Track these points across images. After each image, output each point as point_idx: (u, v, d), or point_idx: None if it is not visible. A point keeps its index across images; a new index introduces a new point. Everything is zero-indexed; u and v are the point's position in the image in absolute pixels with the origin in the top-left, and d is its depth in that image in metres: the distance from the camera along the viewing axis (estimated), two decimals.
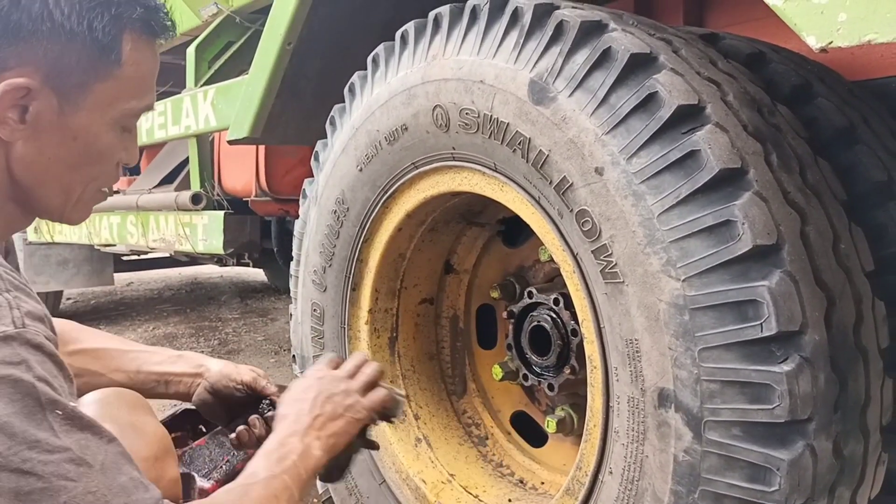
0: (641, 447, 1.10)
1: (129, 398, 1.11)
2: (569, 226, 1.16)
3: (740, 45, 1.37)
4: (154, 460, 1.05)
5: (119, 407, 1.07)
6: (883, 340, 1.11)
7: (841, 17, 0.84)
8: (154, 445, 1.07)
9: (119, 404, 1.08)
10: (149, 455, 1.04)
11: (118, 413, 1.06)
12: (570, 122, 1.12)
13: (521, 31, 1.21)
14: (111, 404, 1.07)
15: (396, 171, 1.49)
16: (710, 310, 0.99)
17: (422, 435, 1.69)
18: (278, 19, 1.84)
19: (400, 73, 1.44)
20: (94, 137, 0.95)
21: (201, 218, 2.92)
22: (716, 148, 1.00)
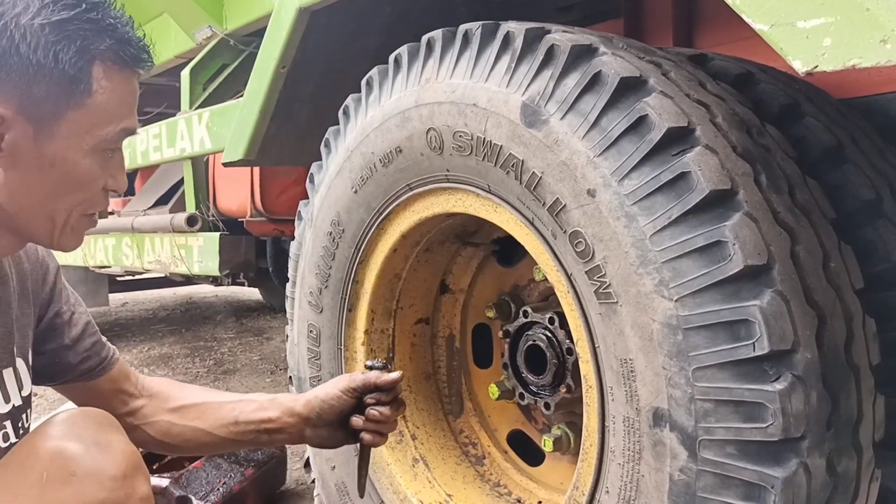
0: (637, 466, 1.10)
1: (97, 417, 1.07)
2: (562, 247, 1.17)
3: (729, 66, 1.39)
4: (122, 478, 1.01)
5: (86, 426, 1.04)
6: (874, 357, 1.12)
7: (826, 41, 0.86)
8: (122, 464, 1.02)
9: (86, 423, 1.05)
10: (116, 474, 1.00)
11: (85, 432, 1.03)
12: (562, 144, 1.14)
13: (513, 56, 1.22)
14: (77, 423, 1.04)
15: (391, 193, 1.51)
16: (702, 329, 1.00)
17: (419, 455, 1.70)
18: (273, 43, 1.86)
19: (394, 97, 1.46)
20: (71, 165, 0.96)
21: (197, 240, 2.93)
22: (706, 169, 1.02)
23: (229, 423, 1.31)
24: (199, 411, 1.32)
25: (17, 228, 1.00)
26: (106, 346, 1.32)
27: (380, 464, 1.67)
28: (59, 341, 1.24)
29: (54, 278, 1.25)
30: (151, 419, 1.33)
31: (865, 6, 0.83)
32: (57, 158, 0.95)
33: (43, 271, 1.23)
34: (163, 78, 3.58)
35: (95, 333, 1.30)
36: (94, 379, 1.29)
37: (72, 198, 0.99)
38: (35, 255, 1.21)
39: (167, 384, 1.39)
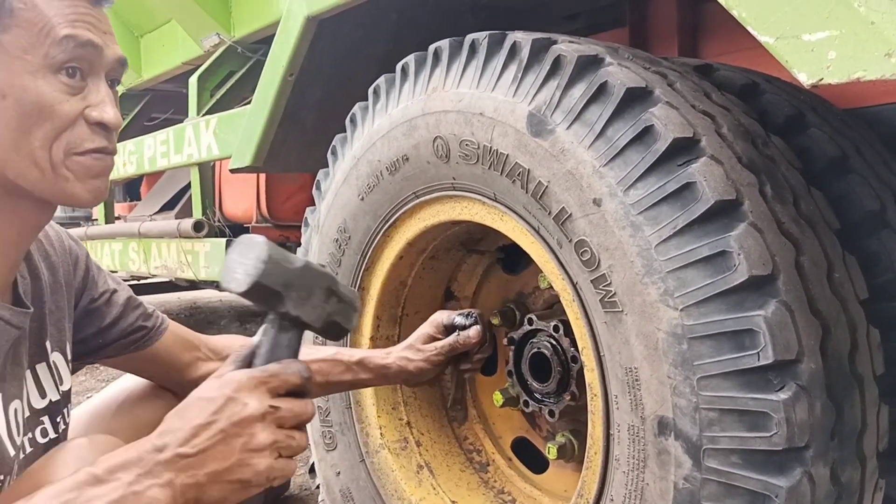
0: (642, 475, 1.11)
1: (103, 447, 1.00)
2: (568, 255, 1.18)
3: (734, 77, 1.40)
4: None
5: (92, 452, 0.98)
6: (878, 367, 1.12)
7: (831, 54, 0.87)
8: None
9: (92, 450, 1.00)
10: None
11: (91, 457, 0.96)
12: (568, 154, 1.15)
13: (520, 65, 1.23)
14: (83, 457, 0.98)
15: (398, 201, 1.52)
16: (707, 339, 1.01)
17: (423, 462, 1.70)
18: (281, 51, 1.88)
19: (401, 105, 1.47)
20: (21, 90, 0.89)
21: (203, 245, 2.94)
22: (711, 180, 1.02)
23: (320, 384, 1.33)
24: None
25: (15, 187, 0.93)
26: (152, 317, 1.30)
27: (384, 470, 1.67)
28: (98, 324, 1.23)
29: (85, 265, 1.23)
30: None
31: (870, 20, 0.83)
32: (5, 88, 0.89)
33: (73, 260, 1.21)
34: (170, 84, 3.60)
35: (139, 307, 1.29)
36: (143, 349, 1.28)
37: (40, 129, 0.91)
38: (62, 246, 1.19)
39: (236, 342, 1.40)
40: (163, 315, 1.34)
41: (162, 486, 0.78)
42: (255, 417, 0.82)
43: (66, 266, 1.18)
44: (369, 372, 1.38)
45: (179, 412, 0.83)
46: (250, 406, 0.82)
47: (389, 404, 1.71)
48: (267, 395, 0.84)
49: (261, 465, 0.82)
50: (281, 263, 0.87)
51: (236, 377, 0.84)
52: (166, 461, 0.79)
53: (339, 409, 1.73)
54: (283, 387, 0.85)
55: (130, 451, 0.80)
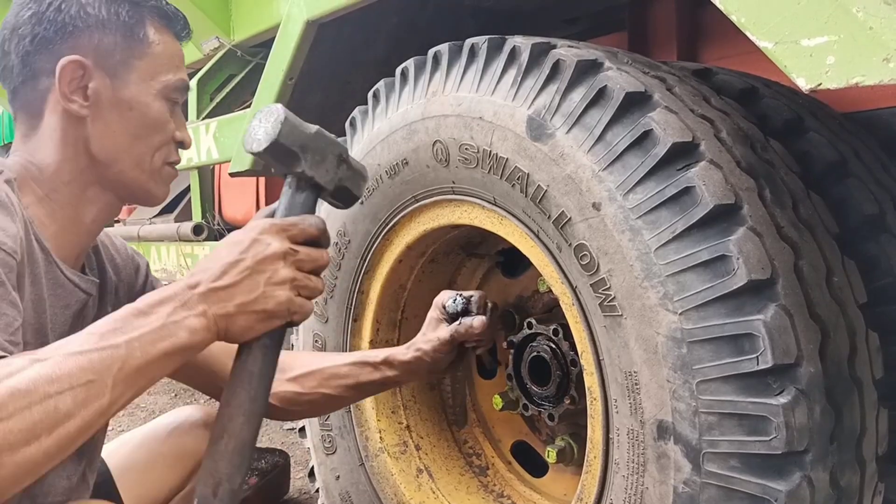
0: (641, 479, 1.11)
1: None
2: (567, 259, 1.18)
3: (733, 81, 1.40)
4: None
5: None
6: (877, 371, 1.13)
7: (829, 59, 0.87)
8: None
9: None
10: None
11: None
12: (567, 158, 1.15)
13: (519, 70, 1.24)
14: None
15: (397, 205, 1.52)
16: (707, 343, 1.01)
17: (423, 465, 1.70)
18: (280, 55, 1.88)
19: (400, 109, 1.47)
20: (145, 106, 1.11)
21: (203, 248, 2.94)
22: (710, 184, 1.02)
23: (351, 387, 1.39)
24: (320, 379, 1.39)
25: (112, 181, 1.12)
26: None
27: (384, 474, 1.67)
28: None
29: (145, 273, 1.37)
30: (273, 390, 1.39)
31: (868, 25, 0.84)
32: (133, 101, 1.10)
33: (134, 267, 1.34)
34: None
35: None
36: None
37: (151, 139, 1.13)
38: (126, 254, 1.34)
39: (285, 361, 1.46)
40: None
41: (197, 315, 0.89)
42: (277, 255, 0.94)
43: (128, 270, 1.32)
44: (395, 369, 1.42)
45: (210, 257, 0.95)
46: (273, 246, 0.94)
47: (389, 408, 1.71)
48: (287, 240, 0.96)
49: (282, 296, 0.94)
50: (297, 126, 0.97)
51: (260, 224, 0.96)
52: (200, 294, 0.90)
53: (338, 413, 1.73)
54: (301, 235, 0.98)
55: (167, 290, 0.91)
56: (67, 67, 1.06)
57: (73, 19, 1.07)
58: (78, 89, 1.07)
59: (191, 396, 4.02)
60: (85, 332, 0.84)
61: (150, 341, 0.85)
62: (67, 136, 1.09)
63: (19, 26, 1.08)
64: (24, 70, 1.08)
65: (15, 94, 1.11)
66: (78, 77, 1.07)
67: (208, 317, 0.90)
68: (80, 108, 1.08)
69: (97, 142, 1.10)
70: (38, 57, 1.07)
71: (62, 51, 1.07)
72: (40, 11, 1.07)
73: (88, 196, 1.12)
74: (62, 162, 1.09)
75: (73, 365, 0.79)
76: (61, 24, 1.07)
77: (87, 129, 1.09)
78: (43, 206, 1.08)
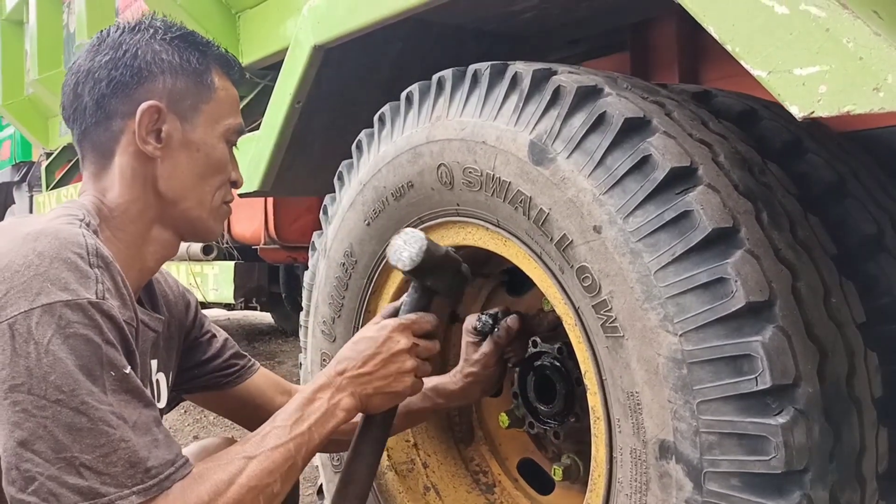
0: (644, 497, 1.12)
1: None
2: (570, 281, 1.21)
3: (732, 103, 1.42)
4: None
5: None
6: (876, 390, 1.14)
7: (821, 88, 0.90)
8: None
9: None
10: None
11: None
12: (568, 182, 1.17)
13: (521, 95, 1.27)
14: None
15: (403, 226, 1.54)
16: (706, 364, 1.03)
17: (430, 483, 1.72)
18: (288, 79, 1.91)
19: (405, 133, 1.50)
20: (211, 148, 1.18)
21: (212, 268, 2.97)
22: (708, 208, 1.05)
23: (403, 415, 1.44)
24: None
25: (175, 219, 1.18)
26: (244, 358, 1.51)
27: (391, 492, 1.69)
28: (199, 358, 1.43)
29: (195, 309, 1.44)
30: None
31: (859, 55, 0.86)
32: (201, 143, 1.17)
33: (185, 303, 1.41)
34: None
35: (233, 348, 1.50)
36: (234, 385, 1.47)
37: (214, 179, 1.19)
38: (178, 291, 1.41)
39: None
40: (254, 360, 1.54)
41: (348, 396, 1.18)
42: (404, 350, 1.23)
43: (179, 307, 1.38)
44: (444, 397, 1.53)
45: (351, 347, 1.22)
46: (401, 343, 1.23)
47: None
48: (411, 335, 1.25)
49: (408, 381, 1.23)
50: (433, 254, 1.25)
51: (391, 323, 1.24)
52: (349, 379, 1.19)
53: None
54: (420, 330, 1.26)
55: (321, 378, 1.18)
56: (147, 112, 1.11)
57: (148, 65, 1.13)
58: (153, 131, 1.13)
59: (200, 412, 4.05)
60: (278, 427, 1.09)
61: (322, 423, 1.13)
62: (137, 176, 1.14)
63: (95, 70, 1.12)
64: (97, 112, 1.13)
65: (85, 135, 1.15)
66: (154, 120, 1.12)
67: (356, 396, 1.18)
68: (154, 150, 1.13)
69: (165, 181, 1.15)
70: (113, 100, 1.12)
71: (137, 94, 1.12)
72: (117, 57, 1.12)
73: (152, 234, 1.17)
74: (131, 201, 1.14)
75: (279, 457, 1.06)
76: (137, 69, 1.12)
77: (157, 169, 1.14)
78: (112, 246, 1.10)
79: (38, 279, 0.90)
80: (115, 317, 0.94)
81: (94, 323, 0.91)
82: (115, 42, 1.14)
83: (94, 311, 0.91)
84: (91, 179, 1.16)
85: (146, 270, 1.19)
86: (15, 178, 6.30)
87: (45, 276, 0.91)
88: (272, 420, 1.12)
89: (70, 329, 0.89)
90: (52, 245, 0.94)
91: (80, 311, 0.90)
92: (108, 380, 0.91)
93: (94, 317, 0.91)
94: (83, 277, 0.93)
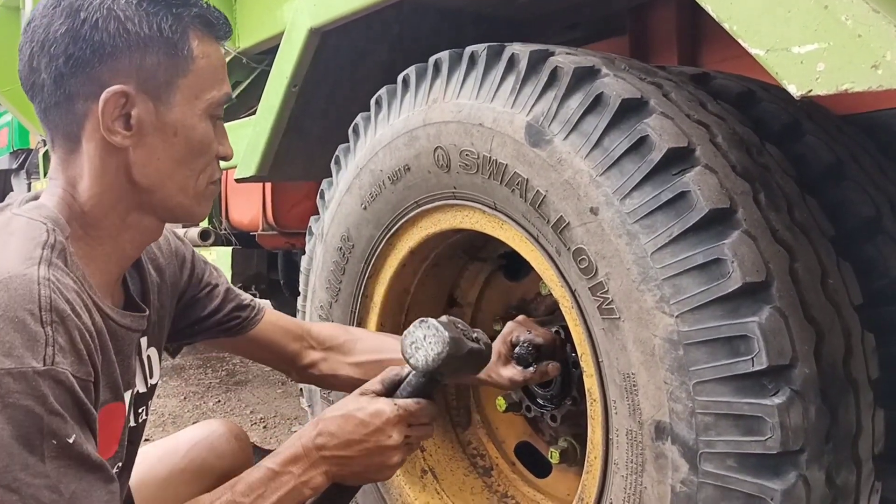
0: (640, 479, 1.13)
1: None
2: (566, 263, 1.20)
3: (730, 85, 1.42)
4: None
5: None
6: (873, 372, 1.14)
7: (819, 66, 0.89)
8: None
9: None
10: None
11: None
12: (565, 163, 1.17)
13: (518, 77, 1.26)
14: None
15: (400, 210, 1.54)
16: (703, 345, 1.02)
17: (427, 466, 1.72)
18: (284, 63, 1.90)
19: (402, 116, 1.49)
20: (190, 130, 1.03)
21: (210, 254, 2.96)
22: (705, 189, 1.04)
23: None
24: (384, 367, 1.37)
25: (154, 206, 1.06)
26: (248, 308, 1.42)
27: None
28: (199, 314, 1.36)
29: (191, 263, 1.34)
30: (336, 373, 1.49)
31: (857, 32, 0.85)
32: (178, 126, 1.02)
33: (179, 261, 1.31)
34: None
35: (235, 298, 1.41)
36: (239, 335, 1.41)
37: (196, 163, 1.05)
38: (169, 249, 1.29)
39: (338, 333, 1.52)
40: (261, 306, 1.46)
41: (321, 473, 1.10)
42: (394, 447, 1.12)
43: (172, 268, 1.28)
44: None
45: (338, 423, 1.12)
46: (393, 438, 1.11)
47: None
48: (405, 429, 1.13)
49: (388, 472, 1.17)
50: (454, 357, 1.11)
51: (387, 412, 1.12)
52: (325, 458, 1.10)
53: None
54: (417, 422, 1.15)
55: (296, 447, 1.10)
56: (111, 100, 0.97)
57: (112, 38, 0.97)
58: (120, 117, 0.99)
59: (199, 399, 4.05)
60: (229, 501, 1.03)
61: (286, 501, 1.07)
62: (107, 166, 1.01)
63: (50, 43, 0.97)
64: (57, 91, 0.98)
65: (47, 114, 1.02)
66: (120, 105, 0.98)
67: (329, 474, 1.11)
68: (123, 140, 0.99)
69: (139, 169, 1.02)
70: (73, 80, 0.97)
71: (101, 74, 0.97)
72: (74, 28, 0.96)
73: (128, 223, 1.05)
74: (102, 193, 1.02)
75: None
76: (99, 44, 0.96)
77: (129, 157, 1.01)
78: (85, 244, 1.02)
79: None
80: (64, 381, 0.85)
81: (36, 393, 0.83)
82: (71, 7, 0.97)
83: (38, 381, 0.83)
84: (60, 165, 1.03)
85: (127, 258, 1.10)
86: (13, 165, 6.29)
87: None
88: (233, 486, 1.05)
89: (9, 399, 0.81)
90: (1, 300, 0.85)
91: (23, 381, 0.82)
92: (48, 448, 0.83)
93: (37, 387, 0.83)
94: (31, 340, 0.84)
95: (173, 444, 1.47)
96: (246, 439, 1.51)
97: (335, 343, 1.50)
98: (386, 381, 1.19)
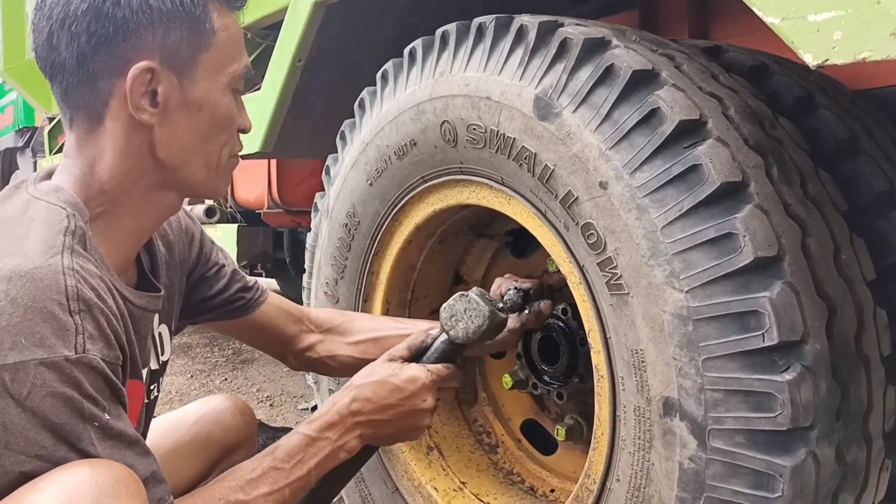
0: (648, 455, 1.12)
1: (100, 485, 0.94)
2: (574, 238, 1.19)
3: (743, 58, 1.39)
4: None
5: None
6: (885, 348, 1.13)
7: (836, 35, 0.87)
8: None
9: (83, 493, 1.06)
10: None
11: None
12: (574, 137, 1.15)
13: (526, 49, 1.23)
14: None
15: (406, 185, 1.53)
16: (712, 320, 1.01)
17: (433, 443, 1.72)
18: (289, 37, 1.88)
19: (408, 90, 1.47)
20: (214, 105, 1.04)
21: (215, 231, 2.96)
22: (717, 162, 1.02)
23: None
24: (382, 346, 1.41)
25: (177, 183, 1.06)
26: (252, 290, 1.44)
27: (395, 451, 1.69)
28: (205, 293, 1.37)
29: (200, 242, 1.35)
30: (334, 353, 1.50)
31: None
32: (202, 101, 1.02)
33: (189, 238, 1.32)
34: None
35: (240, 280, 1.43)
36: (243, 316, 1.42)
37: (220, 137, 1.06)
38: (179, 226, 1.30)
39: (336, 316, 1.55)
40: (263, 288, 1.47)
41: (356, 437, 1.18)
42: (428, 410, 1.22)
43: (181, 244, 1.29)
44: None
45: (373, 388, 1.19)
46: (428, 402, 1.21)
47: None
48: (436, 392, 1.23)
49: (420, 432, 1.25)
50: (491, 329, 1.25)
51: (422, 378, 1.21)
52: (361, 423, 1.17)
53: None
54: (446, 385, 1.25)
55: (331, 413, 1.17)
56: (139, 76, 0.96)
57: (134, 14, 0.96)
58: (146, 94, 0.98)
59: (206, 377, 4.07)
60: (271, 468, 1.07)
61: (323, 465, 1.13)
62: (132, 144, 1.00)
63: (71, 21, 0.95)
64: (79, 70, 0.97)
65: (67, 94, 1.00)
66: (147, 82, 0.98)
67: (363, 437, 1.18)
68: (150, 118, 0.99)
69: (164, 147, 1.02)
70: (97, 59, 0.96)
71: (125, 51, 0.97)
72: (96, 5, 0.95)
73: (150, 199, 1.05)
74: (125, 172, 1.01)
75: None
76: (122, 20, 0.96)
77: (154, 134, 1.01)
78: (105, 223, 1.02)
79: (11, 332, 0.83)
80: (97, 367, 0.88)
81: (72, 380, 0.85)
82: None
83: (72, 369, 0.85)
84: (77, 144, 1.02)
85: (144, 235, 1.10)
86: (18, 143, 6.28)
87: (19, 329, 0.84)
88: (272, 453, 1.09)
89: (47, 388, 0.84)
90: (28, 292, 0.86)
91: (56, 370, 0.84)
92: (94, 431, 0.87)
93: (72, 374, 0.85)
94: (61, 330, 0.86)
95: (179, 418, 1.48)
96: (251, 414, 1.52)
97: (332, 325, 1.52)
98: (413, 347, 1.27)
